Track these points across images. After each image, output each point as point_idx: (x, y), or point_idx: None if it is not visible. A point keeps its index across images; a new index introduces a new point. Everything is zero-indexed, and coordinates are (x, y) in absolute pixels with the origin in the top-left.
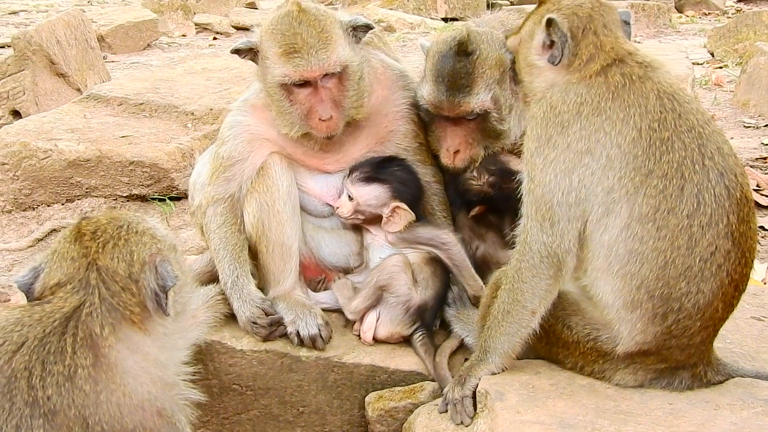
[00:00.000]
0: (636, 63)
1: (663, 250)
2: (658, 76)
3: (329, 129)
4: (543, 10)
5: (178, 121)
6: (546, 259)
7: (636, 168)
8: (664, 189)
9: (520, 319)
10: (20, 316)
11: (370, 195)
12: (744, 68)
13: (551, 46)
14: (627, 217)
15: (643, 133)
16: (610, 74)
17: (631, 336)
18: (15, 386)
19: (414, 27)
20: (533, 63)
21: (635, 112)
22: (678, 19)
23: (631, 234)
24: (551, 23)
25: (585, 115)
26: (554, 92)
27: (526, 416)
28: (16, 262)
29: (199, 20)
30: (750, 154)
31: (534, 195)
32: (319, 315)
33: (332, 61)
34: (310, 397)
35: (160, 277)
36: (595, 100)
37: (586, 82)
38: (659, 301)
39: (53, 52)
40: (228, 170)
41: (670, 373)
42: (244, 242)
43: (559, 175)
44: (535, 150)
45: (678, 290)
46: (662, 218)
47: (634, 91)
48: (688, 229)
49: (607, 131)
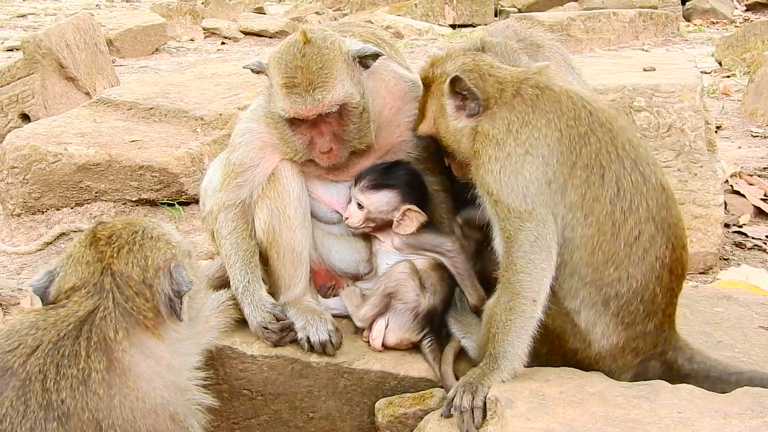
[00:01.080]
0: (539, 78)
1: (590, 236)
2: (560, 83)
3: (330, 160)
4: (435, 88)
5: (187, 125)
6: (535, 242)
7: (563, 162)
8: (588, 178)
9: (523, 311)
10: (35, 320)
11: (381, 201)
12: (752, 77)
13: (463, 104)
14: (561, 206)
15: (563, 132)
16: (523, 93)
17: (591, 330)
18: (29, 389)
19: (422, 33)
20: (457, 128)
21: (554, 115)
22: (686, 27)
23: (565, 224)
24: (455, 82)
25: (515, 130)
26: (483, 125)
27: (535, 424)
28: (25, 265)
29: (207, 25)
30: (757, 164)
31: (502, 202)
32: (329, 321)
33: (327, 101)
34: (320, 402)
35: (174, 282)
36: (519, 116)
37: (507, 107)
38: (593, 288)
39: (62, 56)
40: (239, 176)
41: (643, 365)
42: (255, 248)
43: (512, 176)
44: (484, 173)
45: (608, 276)
46: (588, 206)
47: (548, 98)
48: (612, 215)
49: (536, 136)
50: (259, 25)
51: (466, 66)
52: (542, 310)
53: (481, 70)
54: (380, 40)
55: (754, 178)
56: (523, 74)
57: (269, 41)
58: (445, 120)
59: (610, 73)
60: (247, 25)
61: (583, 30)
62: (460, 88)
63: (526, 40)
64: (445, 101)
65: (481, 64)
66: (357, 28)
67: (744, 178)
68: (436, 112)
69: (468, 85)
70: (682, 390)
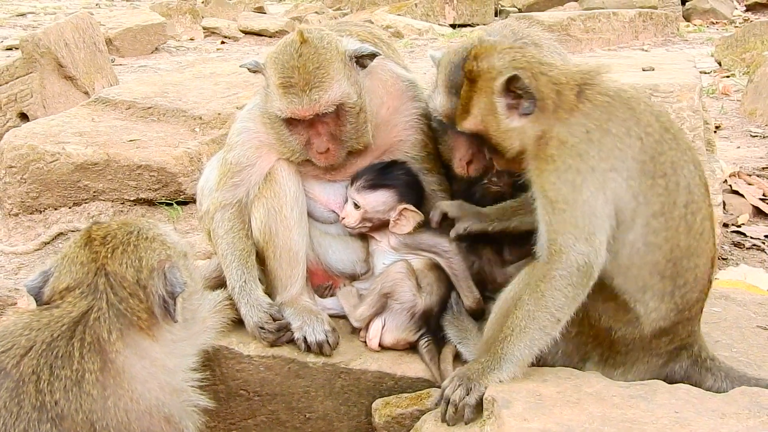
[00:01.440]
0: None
1: (671, 237)
2: (617, 84)
3: (328, 160)
4: (483, 84)
5: (186, 125)
6: (582, 267)
7: (646, 172)
8: (667, 186)
9: (545, 326)
10: (29, 321)
11: (378, 201)
12: (751, 78)
13: (516, 102)
14: (646, 216)
15: (643, 140)
16: (591, 98)
17: (647, 315)
18: (23, 390)
19: (422, 33)
20: (510, 128)
21: (631, 124)
22: (686, 28)
23: (649, 229)
24: (512, 80)
25: (596, 139)
26: (558, 130)
27: (533, 424)
28: (22, 265)
29: (207, 24)
30: (756, 164)
31: (565, 214)
32: (326, 321)
33: (324, 102)
34: (317, 403)
35: (168, 283)
36: (597, 124)
37: (580, 113)
38: (668, 281)
39: (61, 55)
40: (236, 176)
41: (675, 355)
42: (251, 247)
43: (594, 193)
44: (556, 179)
45: (683, 268)
46: (668, 211)
47: (620, 103)
48: (685, 217)
49: (620, 147)
50: (259, 24)
51: (518, 62)
52: (560, 330)
53: (532, 68)
54: (378, 39)
55: (753, 178)
56: (578, 75)
57: (269, 41)
58: (495, 119)
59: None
60: (247, 25)
61: (583, 30)
62: (516, 87)
63: (524, 40)
64: (496, 99)
65: (531, 60)
66: (354, 27)
67: (743, 177)
68: (484, 109)
69: (525, 84)
70: (680, 390)
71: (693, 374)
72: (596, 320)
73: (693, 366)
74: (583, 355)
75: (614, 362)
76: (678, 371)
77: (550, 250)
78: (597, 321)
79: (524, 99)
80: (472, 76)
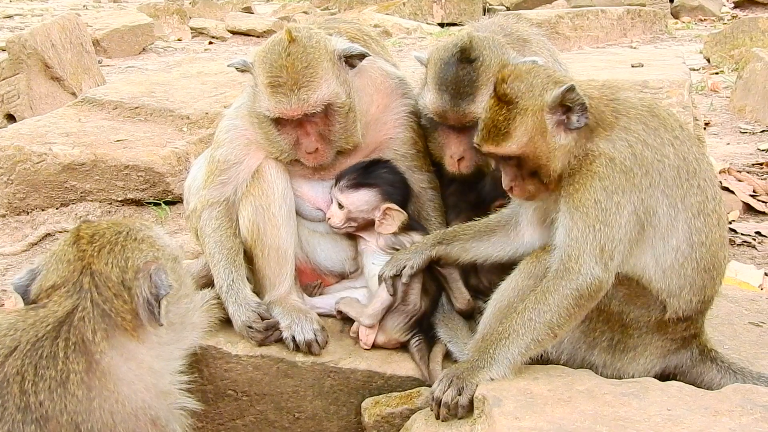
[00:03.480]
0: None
1: (709, 232)
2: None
3: (317, 160)
4: (527, 104)
5: (173, 125)
6: (592, 289)
7: (680, 177)
8: (699, 185)
9: (542, 338)
10: (14, 321)
11: (361, 200)
12: (740, 74)
13: (565, 118)
14: (687, 218)
15: (675, 146)
16: (624, 112)
17: (679, 306)
18: (7, 391)
19: (410, 32)
20: (558, 146)
21: (662, 132)
22: (674, 25)
23: (693, 230)
24: (569, 92)
25: (638, 154)
26: (604, 147)
27: (524, 422)
28: (10, 266)
29: (195, 24)
30: (746, 160)
31: (599, 233)
32: (315, 320)
33: (312, 102)
34: (306, 402)
35: (153, 285)
36: (637, 137)
37: (619, 127)
38: (707, 274)
39: (48, 56)
40: (223, 173)
41: (689, 342)
42: (239, 246)
43: (631, 215)
44: (604, 199)
45: (718, 259)
46: (704, 208)
47: (647, 114)
48: (716, 209)
49: (658, 159)
50: (246, 24)
51: (557, 77)
52: (555, 343)
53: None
54: (367, 36)
55: (743, 174)
56: (607, 90)
57: (257, 41)
58: (544, 138)
59: (599, 70)
60: (235, 25)
61: (572, 27)
62: (571, 98)
63: (512, 35)
64: (546, 116)
65: (562, 77)
66: (343, 24)
67: (733, 174)
68: (531, 129)
69: (580, 94)
70: (672, 387)
71: (699, 364)
72: (606, 305)
73: (700, 355)
74: (591, 342)
75: (624, 347)
76: (686, 360)
77: (567, 266)
78: (607, 306)
79: (573, 112)
80: (509, 98)
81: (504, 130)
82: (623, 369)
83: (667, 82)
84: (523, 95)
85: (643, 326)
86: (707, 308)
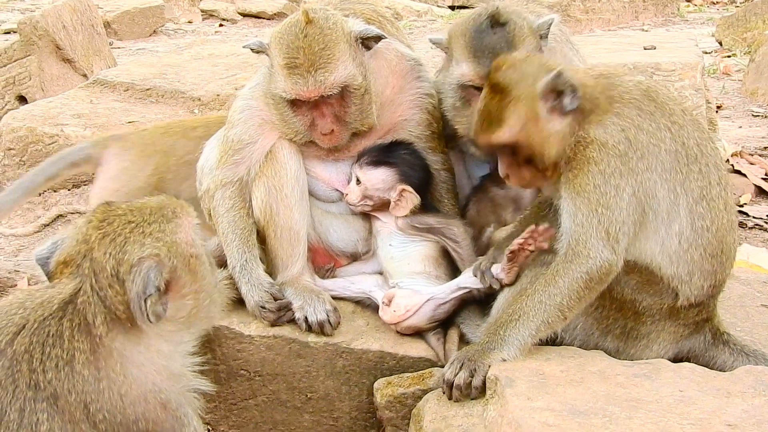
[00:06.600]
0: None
1: (715, 217)
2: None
3: (332, 141)
4: (520, 91)
5: (184, 106)
6: (602, 272)
7: (678, 162)
8: (701, 170)
9: (551, 320)
10: (23, 299)
11: (378, 178)
12: (752, 57)
13: (557, 103)
14: (689, 203)
15: (672, 131)
16: (618, 97)
17: (690, 292)
18: (17, 369)
19: (421, 15)
20: (551, 132)
21: (658, 116)
22: (686, 7)
23: (695, 215)
24: (559, 76)
25: (632, 138)
26: (596, 132)
27: (536, 403)
28: (22, 247)
29: (205, 6)
30: (758, 143)
31: (603, 217)
32: (327, 301)
33: (329, 83)
34: (318, 383)
35: (141, 281)
36: (630, 122)
37: (612, 112)
38: (716, 259)
39: (59, 38)
40: (237, 153)
41: (701, 326)
42: (252, 226)
43: (631, 197)
44: (602, 183)
45: (726, 244)
46: (707, 193)
47: (643, 99)
48: (721, 194)
49: (654, 143)
50: (257, 6)
51: (550, 64)
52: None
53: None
54: (382, 17)
55: (755, 157)
56: (598, 75)
57: (267, 23)
58: (537, 124)
59: (611, 52)
60: (245, 7)
61: (583, 10)
62: (562, 83)
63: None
64: (538, 102)
65: (557, 64)
66: (359, 6)
67: (745, 157)
68: (524, 117)
69: (569, 77)
70: (684, 368)
71: (711, 348)
72: (619, 293)
73: (713, 338)
74: (604, 329)
75: (638, 334)
76: (699, 345)
77: (576, 250)
78: (620, 294)
79: (566, 95)
80: (502, 87)
81: (497, 119)
82: (636, 355)
83: (680, 65)
84: (516, 84)
85: (656, 313)
86: (719, 292)
